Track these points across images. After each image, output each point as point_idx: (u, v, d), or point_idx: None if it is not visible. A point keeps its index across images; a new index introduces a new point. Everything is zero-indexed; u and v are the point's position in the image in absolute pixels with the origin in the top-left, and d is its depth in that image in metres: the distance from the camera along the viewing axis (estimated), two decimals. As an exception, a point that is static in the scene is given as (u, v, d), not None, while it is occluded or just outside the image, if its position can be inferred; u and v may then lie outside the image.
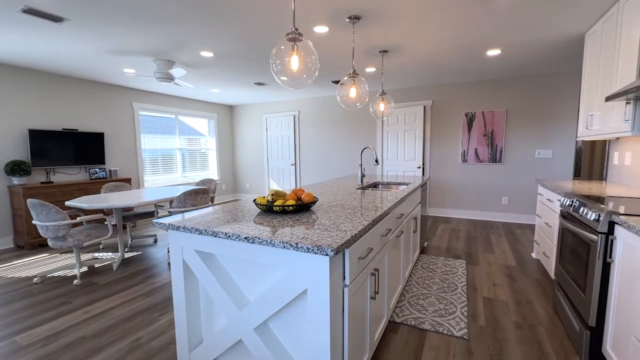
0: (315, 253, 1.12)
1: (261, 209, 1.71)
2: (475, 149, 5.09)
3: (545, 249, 2.83)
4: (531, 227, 4.62)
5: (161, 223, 1.52)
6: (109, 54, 3.53)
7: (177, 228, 1.47)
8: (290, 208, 1.65)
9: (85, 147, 4.60)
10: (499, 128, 4.89)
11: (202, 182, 4.52)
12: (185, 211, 3.46)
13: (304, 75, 1.81)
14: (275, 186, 7.11)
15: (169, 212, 3.63)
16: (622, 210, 1.65)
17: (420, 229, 3.30)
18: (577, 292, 1.87)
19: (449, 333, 2.01)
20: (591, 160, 8.76)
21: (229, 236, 1.31)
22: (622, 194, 2.21)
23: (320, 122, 6.41)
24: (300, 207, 1.69)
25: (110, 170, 4.98)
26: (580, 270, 1.84)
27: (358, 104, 2.65)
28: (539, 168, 4.73)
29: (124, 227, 4.91)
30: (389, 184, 3.34)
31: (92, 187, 4.51)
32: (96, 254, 3.64)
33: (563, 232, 2.21)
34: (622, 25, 2.25)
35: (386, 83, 5.22)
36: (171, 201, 3.57)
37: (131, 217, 3.87)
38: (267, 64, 3.98)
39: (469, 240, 4.00)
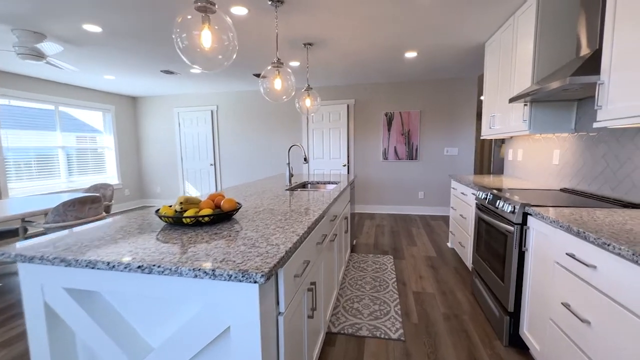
0: (240, 281, 0.85)
1: (167, 221, 1.33)
2: (395, 147, 5.38)
3: (461, 239, 3.06)
4: (444, 218, 5.08)
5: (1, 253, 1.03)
6: None
7: (31, 259, 1.01)
8: (206, 219, 1.32)
9: None
10: (415, 127, 5.26)
11: (94, 187, 3.69)
12: (67, 227, 2.72)
13: (220, 56, 1.49)
14: (192, 189, 6.37)
15: (43, 228, 2.81)
16: (517, 198, 1.80)
17: (350, 227, 3.25)
18: (495, 280, 1.99)
19: (386, 337, 1.94)
20: (482, 157, 10.25)
21: (113, 266, 0.93)
22: (519, 186, 2.49)
23: (243, 118, 5.96)
24: (220, 217, 1.37)
25: (-51, 177, 3.67)
26: (498, 260, 1.97)
27: (284, 97, 2.42)
28: (448, 164, 5.24)
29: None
30: (317, 183, 3.20)
31: None
32: None
33: (479, 223, 2.37)
34: (518, 36, 2.52)
35: (311, 80, 5.10)
36: (47, 214, 2.77)
37: (-17, 238, 2.88)
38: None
39: (393, 235, 4.16)
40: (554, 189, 2.34)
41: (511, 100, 2.27)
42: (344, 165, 5.56)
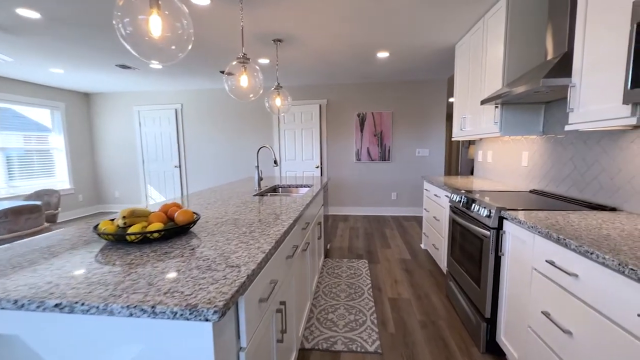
0: (188, 319, 0.69)
1: (107, 239, 1.12)
2: (368, 148, 5.34)
3: (435, 242, 3.05)
4: (416, 219, 5.12)
5: None
6: None
7: None
8: (156, 235, 1.13)
9: None
10: (387, 128, 5.25)
11: (37, 194, 3.28)
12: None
13: (173, 47, 1.30)
14: (155, 193, 5.95)
15: (-30, 243, 2.41)
16: (491, 201, 1.77)
17: (324, 232, 3.13)
18: (472, 285, 1.95)
19: (362, 350, 1.83)
20: (450, 158, 10.54)
21: (22, 305, 0.73)
22: (490, 188, 2.50)
23: (210, 118, 5.66)
24: (173, 232, 1.18)
25: None
26: (474, 264, 1.93)
27: (251, 96, 2.24)
28: (419, 165, 5.29)
29: None
30: (289, 187, 3.05)
31: None
32: None
33: (453, 226, 2.34)
34: (488, 38, 2.53)
35: (282, 79, 4.93)
36: (-28, 227, 2.38)
37: None
38: (132, 40, 3.12)
39: (367, 237, 4.10)
40: (524, 190, 2.36)
41: (483, 102, 2.26)
42: (317, 167, 5.45)
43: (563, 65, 1.67)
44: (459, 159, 9.51)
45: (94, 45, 3.23)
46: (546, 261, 1.27)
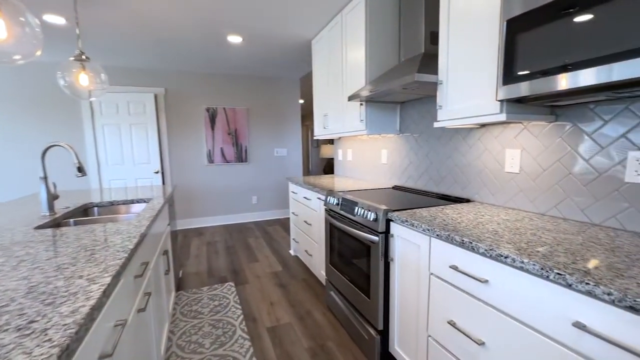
0: None
1: None
2: (221, 148, 4.68)
3: (307, 248, 2.83)
4: (279, 222, 4.88)
5: None
6: None
7: None
8: None
9: None
10: (242, 126, 4.75)
11: None
12: None
13: None
14: None
15: None
16: (368, 201, 1.68)
17: (173, 259, 2.36)
18: (359, 296, 1.79)
19: None
20: (303, 158, 11.04)
21: None
22: (356, 187, 2.48)
23: (-46, 102, 3.51)
24: None
25: None
26: (360, 273, 1.76)
27: (18, 57, 1.28)
28: (279, 166, 5.08)
29: None
30: (112, 204, 2.10)
31: None
32: None
33: (331, 231, 2.15)
34: (347, 34, 2.47)
35: (96, 55, 3.57)
36: None
37: None
38: None
39: (230, 253, 3.51)
40: (387, 187, 2.44)
41: (351, 97, 2.15)
42: (157, 172, 4.34)
43: (426, 64, 1.71)
44: (309, 158, 10.10)
45: None
46: (450, 267, 1.17)
